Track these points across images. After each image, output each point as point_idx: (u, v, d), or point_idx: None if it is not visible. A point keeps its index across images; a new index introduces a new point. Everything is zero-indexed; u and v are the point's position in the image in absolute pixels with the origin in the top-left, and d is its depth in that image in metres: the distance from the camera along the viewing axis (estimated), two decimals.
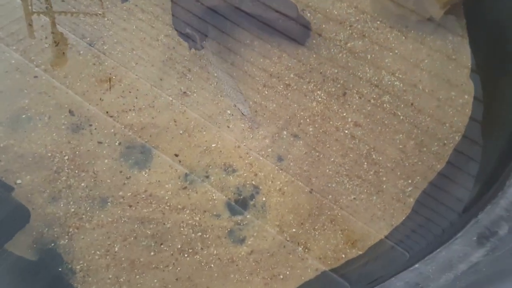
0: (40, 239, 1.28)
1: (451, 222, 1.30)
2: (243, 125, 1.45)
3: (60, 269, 1.23)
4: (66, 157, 1.38)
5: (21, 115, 1.42)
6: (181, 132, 1.43)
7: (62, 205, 1.32)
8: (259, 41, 1.60)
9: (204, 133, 1.43)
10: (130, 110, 1.46)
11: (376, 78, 1.56)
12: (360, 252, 1.28)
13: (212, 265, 1.26)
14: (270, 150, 1.41)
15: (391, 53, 1.62)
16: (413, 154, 1.43)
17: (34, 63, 1.50)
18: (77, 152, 1.39)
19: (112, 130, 1.43)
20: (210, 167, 1.38)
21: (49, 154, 1.38)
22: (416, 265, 1.03)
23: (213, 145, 1.41)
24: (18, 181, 1.34)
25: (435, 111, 1.52)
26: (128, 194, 1.34)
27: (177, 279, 1.24)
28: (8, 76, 1.47)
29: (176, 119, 1.45)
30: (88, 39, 1.57)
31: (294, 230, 1.30)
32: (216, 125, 1.45)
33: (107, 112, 1.45)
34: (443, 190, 1.38)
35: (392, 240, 1.29)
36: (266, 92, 1.51)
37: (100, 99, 1.47)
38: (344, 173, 1.39)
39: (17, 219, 1.30)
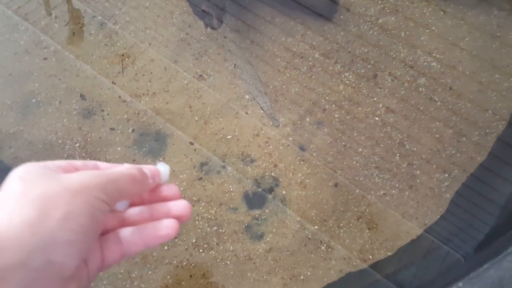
0: None
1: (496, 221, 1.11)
2: (262, 111, 1.27)
3: None
4: (77, 144, 1.24)
5: (31, 99, 1.28)
6: (196, 118, 1.27)
7: None
8: (281, 17, 1.39)
9: (221, 119, 1.26)
10: (143, 94, 1.30)
11: (410, 58, 1.33)
12: (390, 253, 1.10)
13: (228, 262, 1.12)
14: (291, 138, 1.23)
15: (427, 30, 1.38)
16: (450, 144, 1.22)
17: (44, 44, 1.35)
18: (88, 139, 1.25)
19: (125, 116, 1.28)
20: (227, 156, 1.22)
21: (60, 141, 1.25)
22: (460, 284, 0.85)
23: (230, 133, 1.24)
24: None
25: (476, 96, 1.29)
26: None
27: (191, 276, 1.11)
28: (17, 59, 1.33)
29: (191, 104, 1.28)
30: (100, 17, 1.40)
31: (316, 227, 1.14)
32: (234, 111, 1.27)
33: (119, 97, 1.30)
34: (485, 183, 1.17)
35: (434, 238, 1.11)
36: (288, 74, 1.31)
37: (113, 82, 1.32)
38: (374, 165, 1.20)
39: None
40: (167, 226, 0.38)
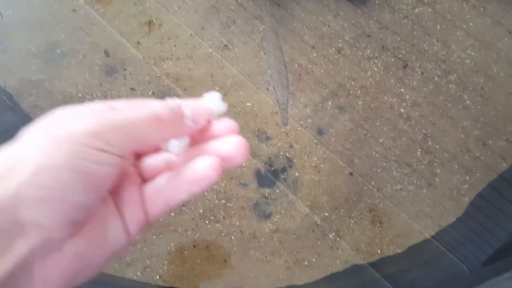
0: None
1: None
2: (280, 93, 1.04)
3: None
4: (97, 100, 1.04)
5: (55, 49, 1.08)
6: (217, 88, 1.05)
7: None
8: None
9: (241, 92, 1.04)
10: (167, 58, 1.09)
11: (443, 52, 1.08)
12: (399, 250, 0.90)
13: (233, 237, 0.93)
14: (310, 120, 1.01)
15: (464, 26, 1.11)
16: (475, 146, 0.99)
17: None
18: (108, 96, 1.05)
19: (147, 78, 1.07)
20: (243, 130, 1.00)
21: (80, 95, 1.05)
22: None
23: (248, 107, 1.03)
24: None
25: (508, 99, 1.04)
26: None
27: (194, 246, 0.92)
28: (46, 5, 1.11)
29: (213, 73, 1.06)
30: None
31: (326, 214, 0.93)
32: (255, 86, 1.05)
33: (143, 58, 1.08)
34: (503, 195, 0.95)
35: (441, 244, 0.90)
36: (315, 55, 1.07)
37: (138, 42, 1.10)
38: (393, 158, 0.97)
39: None
40: (204, 166, 0.27)
